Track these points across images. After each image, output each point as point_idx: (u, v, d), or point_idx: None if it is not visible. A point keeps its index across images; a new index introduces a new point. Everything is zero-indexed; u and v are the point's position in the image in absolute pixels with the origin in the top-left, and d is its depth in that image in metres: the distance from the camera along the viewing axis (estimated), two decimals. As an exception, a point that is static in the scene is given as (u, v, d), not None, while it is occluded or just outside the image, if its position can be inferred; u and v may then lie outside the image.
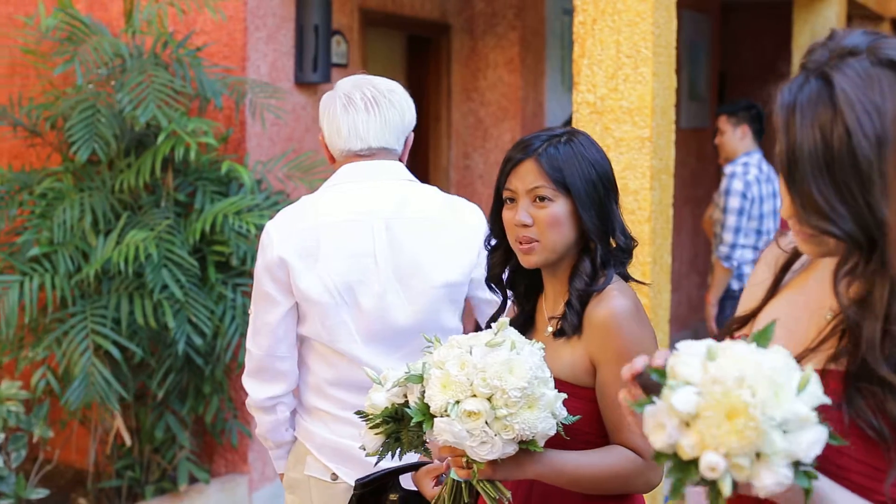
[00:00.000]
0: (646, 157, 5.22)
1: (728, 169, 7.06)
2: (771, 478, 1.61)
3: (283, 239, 3.31)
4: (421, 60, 8.55)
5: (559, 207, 2.68)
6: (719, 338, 1.94)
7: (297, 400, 3.53)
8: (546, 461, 2.51)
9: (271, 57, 6.50)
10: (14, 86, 6.65)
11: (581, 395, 2.62)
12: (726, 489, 1.62)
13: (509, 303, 2.93)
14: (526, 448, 2.43)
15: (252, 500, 6.48)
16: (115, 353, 5.49)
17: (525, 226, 2.69)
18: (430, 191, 3.45)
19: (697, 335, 8.94)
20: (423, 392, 2.47)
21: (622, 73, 5.22)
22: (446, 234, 3.38)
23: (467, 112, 8.72)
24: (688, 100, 10.99)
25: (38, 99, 6.22)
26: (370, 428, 2.62)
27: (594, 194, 2.69)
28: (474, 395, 2.38)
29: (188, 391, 5.98)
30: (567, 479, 2.56)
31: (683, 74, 10.11)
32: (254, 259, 5.67)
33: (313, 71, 6.68)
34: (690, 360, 1.70)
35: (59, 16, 5.83)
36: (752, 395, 1.62)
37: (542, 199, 2.69)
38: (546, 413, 2.39)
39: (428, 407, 2.44)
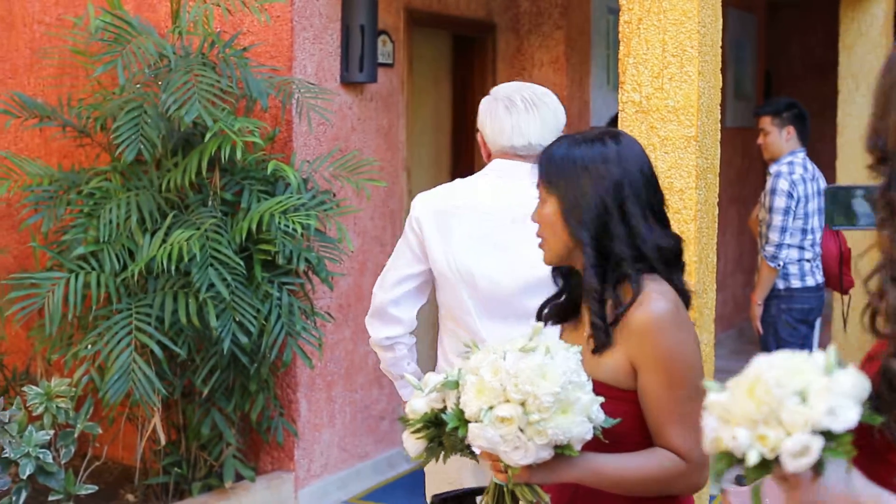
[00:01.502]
0: (691, 156, 5.21)
1: (773, 168, 7.03)
2: (792, 444, 1.65)
3: (424, 210, 3.78)
4: (466, 60, 8.55)
5: (549, 207, 2.72)
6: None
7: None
8: (585, 465, 2.50)
9: (318, 57, 6.53)
10: (64, 86, 6.71)
11: (625, 397, 2.61)
12: (751, 458, 1.67)
13: None
14: (561, 453, 2.43)
15: (298, 498, 6.51)
16: (158, 350, 5.53)
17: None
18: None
19: (743, 335, 8.91)
20: (459, 398, 2.49)
21: (668, 72, 5.21)
22: None
23: (512, 111, 8.71)
24: (733, 99, 10.96)
25: (87, 99, 6.27)
26: (412, 433, 2.63)
27: (581, 198, 2.67)
28: (507, 401, 2.38)
29: (234, 389, 6.02)
30: (608, 482, 2.56)
31: (729, 73, 10.08)
32: (299, 258, 5.74)
33: (359, 71, 6.70)
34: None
35: (107, 17, 5.88)
36: (768, 370, 1.72)
37: (540, 197, 2.74)
38: (581, 417, 2.38)
39: (463, 412, 2.46)
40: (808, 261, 6.93)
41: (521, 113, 3.71)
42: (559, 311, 2.83)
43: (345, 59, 6.71)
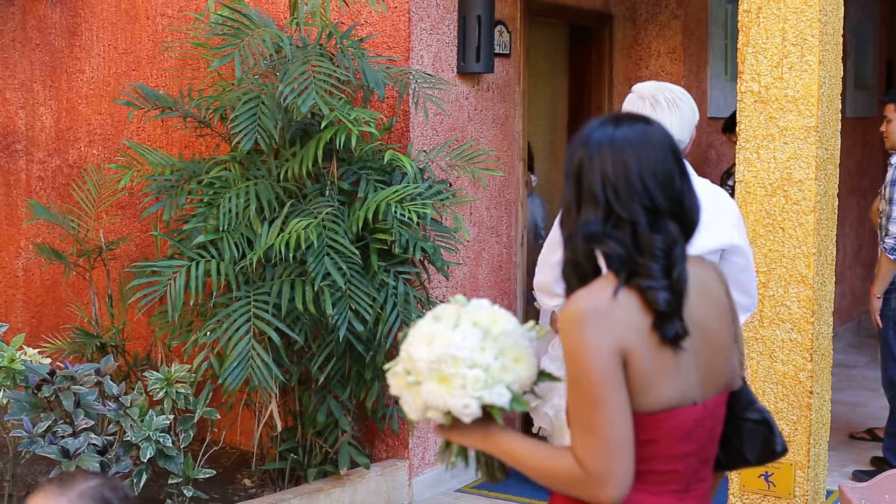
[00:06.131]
0: (811, 146, 5.14)
1: (894, 158, 6.89)
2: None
3: None
4: (583, 50, 8.53)
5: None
6: None
7: None
8: (495, 439, 2.57)
9: (435, 47, 6.56)
10: (185, 78, 6.83)
11: None
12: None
13: None
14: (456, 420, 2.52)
15: (412, 485, 6.55)
16: (276, 338, 5.60)
17: None
18: (703, 182, 4.09)
19: (861, 328, 8.76)
20: None
21: (787, 61, 5.15)
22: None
23: (628, 101, 8.68)
24: (853, 88, 10.77)
25: (207, 91, 6.37)
26: None
27: (567, 177, 2.60)
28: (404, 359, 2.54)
29: (350, 377, 6.06)
30: (515, 463, 2.59)
31: (849, 62, 9.92)
32: (415, 247, 5.78)
33: (476, 61, 6.71)
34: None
35: (227, 10, 5.96)
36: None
37: None
38: (461, 392, 2.43)
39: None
40: (929, 253, 6.79)
41: (665, 111, 4.09)
42: None
43: (461, 50, 6.72)
